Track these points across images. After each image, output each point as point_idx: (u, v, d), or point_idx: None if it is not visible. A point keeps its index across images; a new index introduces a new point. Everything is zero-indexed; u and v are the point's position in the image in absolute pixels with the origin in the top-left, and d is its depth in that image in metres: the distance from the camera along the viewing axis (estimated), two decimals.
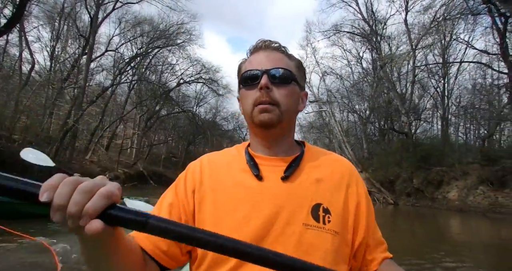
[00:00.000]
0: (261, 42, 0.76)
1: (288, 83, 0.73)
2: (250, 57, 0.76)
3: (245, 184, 0.71)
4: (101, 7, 19.53)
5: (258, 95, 0.70)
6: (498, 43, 12.86)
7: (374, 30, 20.69)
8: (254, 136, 0.77)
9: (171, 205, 0.70)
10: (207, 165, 0.77)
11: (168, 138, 33.63)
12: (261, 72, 0.71)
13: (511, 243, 7.72)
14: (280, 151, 0.76)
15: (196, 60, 27.61)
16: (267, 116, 0.70)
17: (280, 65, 0.72)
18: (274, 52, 0.75)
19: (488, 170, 14.75)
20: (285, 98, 0.72)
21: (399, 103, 21.02)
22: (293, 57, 0.78)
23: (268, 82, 0.70)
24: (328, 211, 0.69)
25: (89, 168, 16.65)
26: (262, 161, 0.74)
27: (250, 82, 0.72)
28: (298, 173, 0.73)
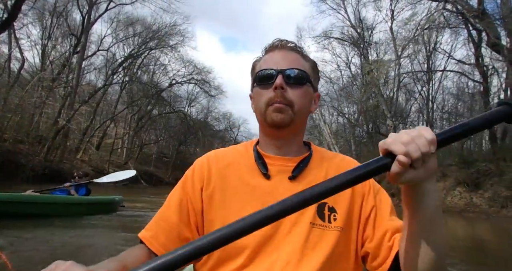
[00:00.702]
0: (278, 41, 0.76)
1: (303, 84, 0.73)
2: (266, 56, 0.77)
3: (253, 183, 0.71)
4: (93, 7, 19.60)
5: (273, 95, 0.70)
6: (474, 54, 13.70)
7: (362, 37, 21.44)
8: (264, 135, 0.77)
9: (180, 203, 0.72)
10: (214, 162, 0.77)
11: (159, 138, 33.69)
12: (276, 71, 0.71)
13: (482, 240, 8.35)
14: (289, 151, 0.76)
15: (188, 61, 27.89)
16: (280, 116, 0.70)
17: (296, 66, 0.72)
18: (290, 52, 0.75)
19: (464, 173, 15.59)
20: (299, 99, 0.72)
21: (384, 107, 21.83)
22: (308, 58, 0.78)
23: (283, 83, 0.70)
24: (333, 210, 0.69)
25: (80, 168, 16.80)
26: (271, 161, 0.74)
27: (265, 81, 0.72)
28: (306, 173, 0.73)
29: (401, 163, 0.47)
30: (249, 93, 0.81)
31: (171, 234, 0.69)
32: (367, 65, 17.31)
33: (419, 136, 0.48)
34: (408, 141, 0.48)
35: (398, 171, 0.48)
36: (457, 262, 5.48)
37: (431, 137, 0.48)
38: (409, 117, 28.54)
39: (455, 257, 5.67)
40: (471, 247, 6.95)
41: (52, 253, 3.83)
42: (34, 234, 4.70)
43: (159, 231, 0.70)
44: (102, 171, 18.97)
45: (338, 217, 0.69)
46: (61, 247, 4.17)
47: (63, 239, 4.59)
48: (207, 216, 0.70)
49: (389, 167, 0.48)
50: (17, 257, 3.39)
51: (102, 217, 6.64)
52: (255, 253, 0.65)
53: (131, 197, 13.10)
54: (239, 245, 0.64)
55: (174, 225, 0.70)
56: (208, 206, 0.71)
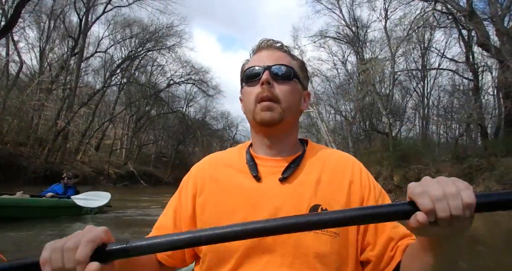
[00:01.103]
0: (264, 41, 0.77)
1: (290, 79, 0.72)
2: (253, 56, 0.77)
3: (243, 186, 0.70)
4: (90, 10, 19.76)
5: (260, 90, 0.70)
6: (465, 53, 14.01)
7: (357, 36, 21.72)
8: (256, 135, 0.77)
9: (175, 210, 0.74)
10: (208, 167, 0.78)
11: (158, 138, 33.93)
12: (262, 68, 0.71)
13: (478, 234, 8.70)
14: (282, 151, 0.74)
15: (186, 61, 28.09)
16: (269, 114, 0.69)
17: (282, 62, 0.72)
18: (277, 51, 0.75)
19: (457, 168, 15.95)
20: (287, 95, 0.71)
21: (380, 105, 22.16)
22: (295, 57, 0.78)
23: (269, 77, 0.69)
24: None
25: (81, 169, 17.04)
26: (262, 162, 0.73)
27: (251, 78, 0.72)
28: (297, 174, 0.71)
29: (419, 221, 0.43)
30: (239, 96, 0.81)
31: None
32: (361, 65, 17.60)
33: (455, 195, 0.42)
34: (439, 197, 0.42)
35: (415, 226, 0.44)
36: None
37: (470, 200, 0.41)
38: (405, 113, 28.92)
39: None
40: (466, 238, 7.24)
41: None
42: (17, 234, 4.78)
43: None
44: (102, 172, 19.22)
45: None
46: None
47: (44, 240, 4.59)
48: (200, 221, 0.71)
49: (409, 217, 0.43)
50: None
51: (84, 218, 6.54)
52: (247, 255, 0.64)
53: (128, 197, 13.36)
54: (231, 248, 0.64)
55: (170, 231, 0.71)
56: (201, 211, 0.71)
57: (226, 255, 0.65)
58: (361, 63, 19.31)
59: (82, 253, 0.45)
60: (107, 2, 19.77)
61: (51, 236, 4.81)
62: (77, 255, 0.45)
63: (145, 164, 28.36)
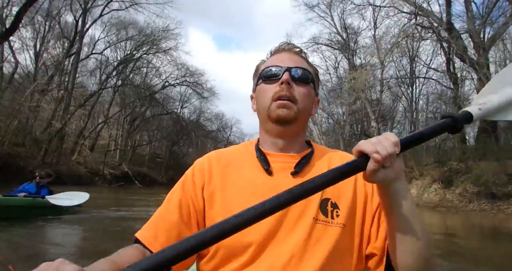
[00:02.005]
0: (285, 44, 0.80)
1: (307, 83, 0.75)
2: (272, 57, 0.79)
3: (255, 180, 0.72)
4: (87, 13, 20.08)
5: (278, 89, 0.72)
6: (445, 63, 14.91)
7: (347, 43, 22.57)
8: (267, 133, 0.78)
9: (180, 202, 0.72)
10: (215, 161, 0.78)
11: (152, 139, 34.20)
12: (283, 68, 0.73)
13: (455, 230, 9.30)
14: (291, 149, 0.77)
15: (181, 64, 28.51)
16: (286, 112, 0.71)
17: (301, 66, 0.76)
18: (296, 55, 0.78)
19: (439, 171, 16.80)
20: (303, 97, 0.74)
21: (369, 110, 23.04)
22: (312, 64, 0.81)
23: (289, 78, 0.72)
24: (336, 206, 0.70)
25: (76, 169, 17.37)
26: (272, 157, 0.75)
27: (271, 77, 0.74)
28: (308, 169, 0.74)
29: (375, 160, 0.52)
30: (251, 94, 0.83)
31: (171, 233, 0.69)
32: (350, 72, 18.41)
33: (385, 139, 0.54)
34: (376, 142, 0.53)
35: (373, 169, 0.52)
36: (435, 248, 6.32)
37: (395, 139, 0.54)
38: (396, 117, 29.83)
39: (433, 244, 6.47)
40: (443, 237, 7.73)
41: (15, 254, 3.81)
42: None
43: (158, 231, 0.69)
44: (97, 172, 19.55)
45: (341, 214, 0.69)
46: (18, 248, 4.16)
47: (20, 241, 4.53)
48: (209, 214, 0.70)
49: (365, 167, 0.53)
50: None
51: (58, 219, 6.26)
52: (260, 249, 0.65)
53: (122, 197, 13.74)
54: (244, 243, 0.65)
55: (175, 224, 0.70)
56: (210, 205, 0.71)
57: (239, 250, 0.65)
58: (350, 71, 20.13)
59: None
60: (105, 5, 20.16)
61: (23, 238, 4.76)
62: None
63: (139, 164, 28.66)
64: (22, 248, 4.21)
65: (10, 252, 3.94)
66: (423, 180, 18.86)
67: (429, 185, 18.15)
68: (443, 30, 14.16)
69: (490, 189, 13.23)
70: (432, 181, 17.89)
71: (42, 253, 4.10)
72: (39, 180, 6.39)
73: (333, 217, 0.68)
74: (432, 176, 17.87)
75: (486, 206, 13.47)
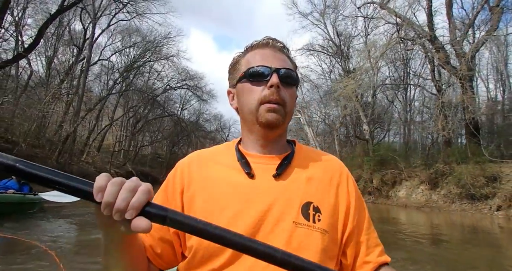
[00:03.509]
0: (269, 39, 0.76)
1: (294, 84, 0.74)
2: (254, 52, 0.76)
3: (237, 183, 0.70)
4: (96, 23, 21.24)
5: (268, 92, 0.70)
6: (430, 71, 16.06)
7: (340, 49, 23.71)
8: (251, 134, 0.76)
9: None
10: (196, 162, 0.76)
11: (154, 140, 35.34)
12: (271, 69, 0.70)
13: (439, 229, 10.19)
14: (273, 149, 0.76)
15: (182, 69, 29.66)
16: (275, 117, 0.70)
17: (287, 66, 0.73)
18: (280, 52, 0.76)
19: (426, 173, 17.92)
20: (290, 99, 0.73)
21: (361, 114, 24.18)
22: (292, 60, 0.78)
23: (279, 82, 0.69)
24: (318, 210, 0.68)
25: (86, 169, 18.48)
26: (254, 159, 0.73)
27: (258, 77, 0.71)
28: (290, 171, 0.72)
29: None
30: (228, 89, 0.80)
31: (154, 237, 0.69)
32: (338, 81, 19.53)
33: None
34: None
35: None
36: (418, 245, 6.83)
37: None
38: (391, 119, 30.81)
39: (419, 243, 7.05)
40: (428, 234, 8.73)
41: None
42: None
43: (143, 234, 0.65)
44: (104, 171, 20.61)
45: (322, 219, 0.67)
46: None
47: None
48: (189, 213, 0.69)
49: None
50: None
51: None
52: (237, 252, 0.59)
53: None
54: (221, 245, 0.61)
55: (156, 228, 0.67)
56: (189, 207, 0.69)
57: (217, 252, 0.64)
58: (338, 80, 21.24)
59: (139, 200, 0.43)
60: (112, 16, 21.31)
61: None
62: (134, 200, 0.43)
63: (142, 164, 29.78)
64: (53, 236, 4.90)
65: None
66: (412, 181, 19.98)
67: (417, 186, 19.27)
68: (427, 41, 15.29)
69: (470, 191, 14.32)
70: (420, 183, 19.00)
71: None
72: (19, 178, 6.63)
73: (314, 221, 0.66)
74: (420, 178, 18.98)
75: (466, 206, 14.59)
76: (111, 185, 0.43)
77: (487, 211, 13.30)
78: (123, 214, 0.43)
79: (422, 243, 7.11)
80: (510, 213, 12.18)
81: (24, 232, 5.27)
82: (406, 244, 6.84)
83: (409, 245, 6.68)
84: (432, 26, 15.12)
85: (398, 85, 26.74)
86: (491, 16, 15.34)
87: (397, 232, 8.48)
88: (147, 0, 20.41)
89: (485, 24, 16.44)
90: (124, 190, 0.43)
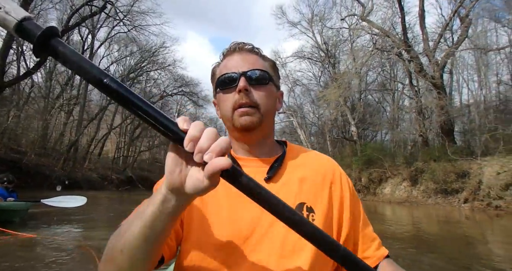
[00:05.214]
0: (235, 44, 0.76)
1: (266, 84, 0.73)
2: (225, 60, 0.76)
3: (227, 186, 0.63)
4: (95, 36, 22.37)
5: (237, 97, 0.70)
6: (408, 78, 17.48)
7: (327, 56, 25.11)
8: (235, 140, 0.77)
9: None
10: None
11: (152, 145, 36.34)
12: (238, 74, 0.70)
13: (418, 221, 11.33)
14: (261, 153, 0.75)
15: (178, 76, 30.78)
16: (249, 119, 0.70)
17: (257, 67, 0.72)
18: (249, 54, 0.75)
19: (407, 171, 19.30)
20: (264, 99, 0.72)
21: (349, 116, 25.58)
22: (266, 57, 0.78)
23: (246, 84, 0.69)
24: (311, 210, 0.68)
25: (89, 175, 19.52)
26: (245, 163, 0.73)
27: (227, 85, 0.71)
28: (281, 173, 0.72)
29: None
30: (213, 100, 0.81)
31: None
32: (321, 91, 20.78)
33: None
34: None
35: None
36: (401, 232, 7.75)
37: None
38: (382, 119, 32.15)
39: (402, 231, 7.93)
40: (411, 225, 9.85)
41: None
42: None
43: None
44: (106, 177, 21.70)
45: (316, 218, 0.68)
46: None
47: None
48: (189, 212, 0.68)
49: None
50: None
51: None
52: (232, 254, 0.63)
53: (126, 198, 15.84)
54: (216, 246, 0.64)
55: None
56: (188, 208, 0.64)
57: (211, 254, 0.63)
58: (321, 91, 22.52)
59: (222, 145, 0.41)
60: (111, 28, 22.46)
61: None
62: (217, 144, 0.41)
63: (141, 169, 30.78)
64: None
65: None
66: (396, 179, 21.38)
67: (399, 183, 20.67)
68: (403, 51, 16.71)
69: (443, 186, 15.72)
70: (402, 180, 20.40)
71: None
72: (6, 185, 6.18)
73: None
74: (402, 176, 20.38)
75: (440, 200, 15.99)
76: (193, 127, 0.41)
77: (456, 203, 14.70)
78: (202, 155, 0.40)
79: (404, 234, 7.81)
80: (474, 205, 13.56)
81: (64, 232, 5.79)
82: (391, 235, 7.17)
83: (395, 236, 7.06)
84: (407, 37, 16.54)
85: (381, 90, 28.22)
86: (461, 26, 16.83)
87: (384, 225, 9.13)
88: (144, 13, 21.55)
89: (457, 33, 17.94)
90: (209, 132, 0.42)
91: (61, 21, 20.57)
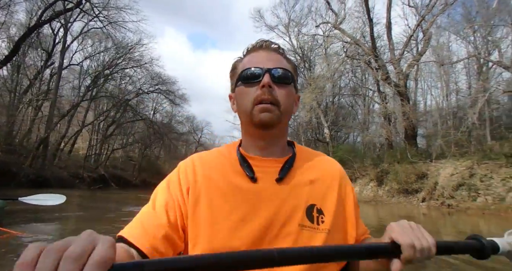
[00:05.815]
0: (262, 41, 0.77)
1: (288, 83, 0.74)
2: (249, 56, 0.77)
3: (240, 186, 0.70)
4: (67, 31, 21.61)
5: (259, 93, 0.70)
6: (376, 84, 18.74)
7: (303, 60, 26.03)
8: (249, 136, 0.77)
9: (166, 204, 0.69)
10: (199, 165, 0.75)
11: (126, 143, 35.50)
12: (263, 70, 0.71)
13: (383, 218, 11.90)
14: (274, 152, 0.76)
15: (155, 73, 30.34)
16: (268, 116, 0.70)
17: (281, 66, 0.74)
18: (274, 53, 0.76)
19: (374, 172, 20.58)
20: (285, 99, 0.73)
21: (322, 118, 26.71)
22: (290, 60, 0.79)
23: (270, 81, 0.70)
24: (321, 212, 0.70)
25: (59, 174, 18.88)
26: (256, 163, 0.74)
27: (251, 79, 0.72)
28: (292, 174, 0.73)
29: (408, 258, 0.52)
30: (229, 94, 0.81)
31: (158, 234, 0.65)
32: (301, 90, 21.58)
33: (428, 249, 0.54)
34: (420, 250, 0.53)
35: (404, 262, 0.53)
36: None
37: (432, 241, 0.54)
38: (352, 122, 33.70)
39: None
40: (375, 222, 10.18)
41: None
42: None
43: (146, 230, 0.64)
44: (77, 176, 21.07)
45: (326, 220, 0.69)
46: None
47: None
48: (193, 218, 0.68)
49: (389, 255, 0.53)
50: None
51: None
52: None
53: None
54: (229, 248, 0.64)
55: (161, 226, 0.66)
56: (194, 209, 0.68)
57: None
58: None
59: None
60: (85, 23, 21.80)
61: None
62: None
63: (114, 167, 30.06)
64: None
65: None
66: (364, 179, 22.70)
67: (367, 183, 21.97)
68: (372, 59, 17.87)
69: (404, 187, 17.05)
70: (370, 180, 21.71)
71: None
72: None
73: (318, 223, 0.68)
74: (370, 176, 21.70)
75: (401, 199, 17.31)
76: (44, 256, 0.31)
77: (416, 202, 16.04)
78: None
79: (371, 229, 8.77)
80: (430, 204, 14.92)
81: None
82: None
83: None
84: (375, 46, 17.71)
85: (353, 95, 29.73)
86: (423, 39, 18.28)
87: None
88: (120, 9, 21.17)
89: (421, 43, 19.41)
90: (66, 261, 0.31)
91: (30, 12, 19.73)
